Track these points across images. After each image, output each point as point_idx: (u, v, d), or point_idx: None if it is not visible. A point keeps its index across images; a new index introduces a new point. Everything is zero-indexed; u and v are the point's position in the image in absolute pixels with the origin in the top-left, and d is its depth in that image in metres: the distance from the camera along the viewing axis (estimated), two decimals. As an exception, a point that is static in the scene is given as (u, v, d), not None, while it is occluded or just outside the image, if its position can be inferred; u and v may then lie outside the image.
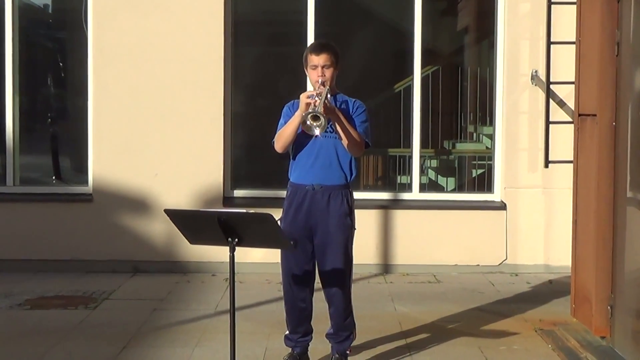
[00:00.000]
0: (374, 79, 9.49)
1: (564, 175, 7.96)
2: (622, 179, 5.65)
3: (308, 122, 4.76)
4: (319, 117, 4.74)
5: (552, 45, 8.02)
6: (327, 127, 4.89)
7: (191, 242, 4.68)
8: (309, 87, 5.96)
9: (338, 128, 4.99)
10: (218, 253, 7.16)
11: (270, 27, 9.50)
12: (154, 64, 8.35)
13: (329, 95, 4.99)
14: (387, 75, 9.49)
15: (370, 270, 8.34)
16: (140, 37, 8.34)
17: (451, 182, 9.43)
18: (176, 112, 8.37)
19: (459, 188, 9.32)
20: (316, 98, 4.85)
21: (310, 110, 4.78)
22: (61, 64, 9.40)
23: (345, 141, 5.02)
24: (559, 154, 8.07)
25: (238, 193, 8.61)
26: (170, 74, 8.36)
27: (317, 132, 4.77)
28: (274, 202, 7.27)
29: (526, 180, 8.45)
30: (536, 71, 8.36)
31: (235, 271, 4.49)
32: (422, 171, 8.93)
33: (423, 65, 8.63)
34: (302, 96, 4.93)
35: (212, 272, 8.25)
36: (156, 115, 8.37)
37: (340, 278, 5.17)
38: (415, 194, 8.67)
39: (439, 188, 9.36)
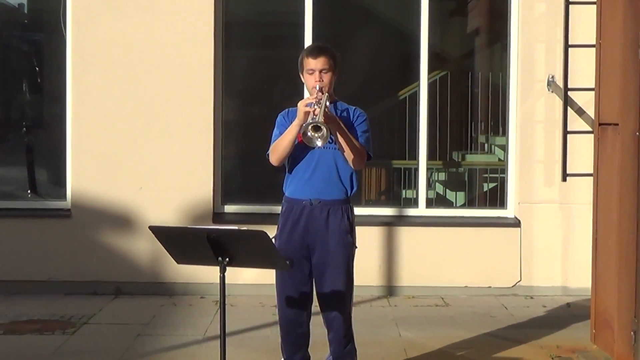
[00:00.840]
0: (377, 85, 9.50)
1: (583, 189, 7.98)
2: (646, 194, 5.66)
3: (309, 134, 4.77)
4: (320, 127, 4.74)
5: (570, 49, 8.04)
6: (327, 140, 4.89)
7: (178, 262, 4.68)
8: (306, 94, 5.96)
9: (339, 138, 5.00)
10: (207, 274, 7.17)
11: (265, 29, 9.53)
12: (138, 69, 8.37)
13: (328, 103, 5.01)
14: (391, 81, 9.51)
15: (373, 292, 8.34)
16: (123, 40, 8.36)
17: (461, 196, 9.44)
18: (162, 120, 8.38)
19: (469, 203, 9.34)
20: (315, 106, 4.87)
21: (310, 121, 4.78)
22: (37, 69, 9.42)
23: (346, 153, 5.04)
24: (578, 166, 8.08)
25: (229, 208, 8.61)
26: (156, 80, 8.37)
27: (319, 143, 4.79)
28: (269, 219, 7.29)
29: (542, 194, 8.45)
30: (553, 77, 8.37)
31: (226, 293, 4.49)
32: (429, 185, 8.94)
33: (430, 70, 8.64)
34: (300, 104, 4.95)
35: (201, 294, 8.24)
36: (140, 124, 8.39)
37: (340, 301, 5.17)
38: (421, 210, 8.68)
39: (447, 203, 9.39)
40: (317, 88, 5.04)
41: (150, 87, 8.37)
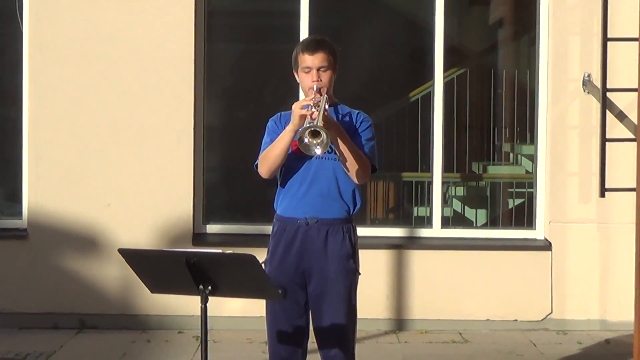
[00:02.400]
0: (384, 85, 9.55)
1: (625, 206, 8.03)
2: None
3: (306, 140, 4.77)
4: (319, 132, 4.75)
5: (609, 43, 8.05)
6: (327, 148, 4.90)
7: (152, 291, 4.70)
8: (301, 95, 5.99)
9: (340, 147, 5.01)
10: (186, 305, 7.18)
11: (254, 19, 9.54)
12: (106, 66, 8.38)
13: (327, 106, 5.03)
14: (400, 80, 9.55)
15: (380, 326, 8.36)
16: (89, 31, 8.37)
17: (482, 215, 9.45)
18: (134, 125, 8.40)
19: (492, 223, 9.37)
20: (313, 109, 4.90)
21: (307, 125, 4.80)
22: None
23: (348, 164, 5.05)
24: (618, 180, 8.08)
25: (212, 228, 8.64)
26: (127, 78, 8.39)
27: (318, 151, 4.80)
28: (258, 240, 7.30)
29: (577, 212, 8.46)
30: (589, 75, 8.39)
31: (208, 327, 4.51)
32: (445, 201, 8.96)
33: (446, 68, 8.68)
34: (295, 107, 4.98)
35: (179, 328, 8.24)
36: (109, 130, 8.40)
37: (341, 336, 5.17)
38: (436, 230, 8.71)
39: (466, 223, 9.42)
40: (315, 89, 5.06)
41: (120, 87, 8.39)
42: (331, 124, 4.95)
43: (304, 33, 8.40)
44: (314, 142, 4.77)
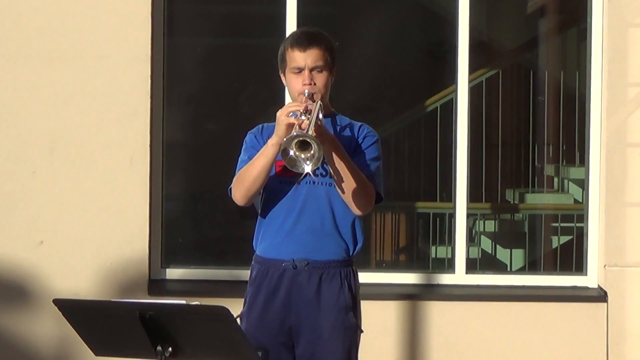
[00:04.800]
0: (393, 90, 9.61)
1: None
2: None
3: (292, 153, 4.80)
4: (309, 144, 4.77)
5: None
6: (320, 165, 4.91)
7: (96, 353, 4.71)
8: (288, 100, 6.00)
9: (337, 166, 5.03)
10: (140, 371, 7.17)
11: (228, 7, 9.57)
12: (39, 66, 8.35)
13: (321, 115, 5.05)
14: (413, 84, 9.60)
15: (388, 398, 8.45)
16: (17, 22, 8.36)
17: (518, 256, 9.49)
18: (74, 142, 8.37)
19: (531, 266, 9.40)
20: (303, 117, 4.92)
21: (295, 134, 4.81)
22: None
23: (346, 189, 5.06)
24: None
25: (173, 273, 8.63)
26: (67, 81, 8.35)
27: (307, 168, 4.81)
28: (231, 288, 7.39)
29: (639, 254, 8.51)
30: (655, 78, 8.46)
31: (169, 399, 4.52)
32: (472, 239, 8.98)
33: (472, 69, 8.71)
34: (281, 114, 5.00)
35: (131, 401, 8.26)
36: (42, 148, 8.37)
37: (338, 412, 5.22)
38: (460, 276, 8.69)
39: (498, 266, 9.47)
40: (307, 94, 5.12)
41: (57, 92, 8.34)
42: (325, 136, 5.00)
43: (291, 24, 8.41)
44: (303, 156, 4.78)
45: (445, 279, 8.74)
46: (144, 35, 8.41)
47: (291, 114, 4.94)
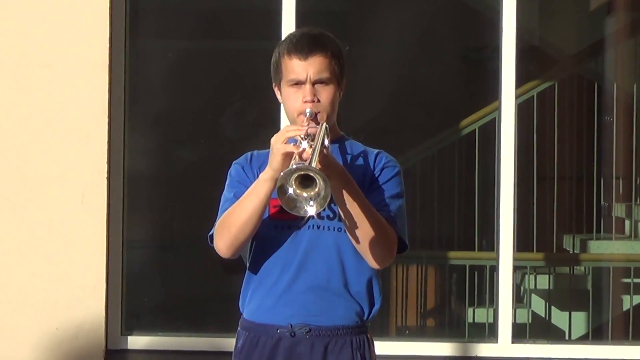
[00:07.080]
0: (418, 109, 9.57)
1: None
2: None
3: (291, 191, 4.60)
4: (313, 179, 4.59)
5: None
6: (326, 205, 4.79)
7: None
8: (284, 122, 5.93)
9: (349, 207, 4.85)
10: None
11: (207, 3, 9.58)
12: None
13: (327, 141, 4.91)
14: (444, 101, 9.57)
15: None
16: None
17: (580, 321, 9.42)
18: (14, 174, 8.33)
19: (596, 334, 9.30)
20: (304, 144, 4.77)
21: (294, 167, 4.65)
22: None
23: (360, 235, 4.90)
24: None
25: (136, 342, 8.59)
26: (9, 94, 8.33)
27: (311, 211, 4.62)
28: (212, 361, 7.27)
29: None
30: None
31: None
32: (519, 298, 8.94)
33: (520, 82, 8.65)
34: (276, 141, 4.81)
35: None
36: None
37: None
38: (505, 346, 8.65)
39: (554, 333, 9.36)
40: (308, 114, 4.97)
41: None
42: (333, 168, 4.76)
43: (288, 25, 8.37)
44: (304, 194, 4.62)
45: (486, 349, 8.69)
46: (100, 36, 8.36)
47: (289, 140, 4.79)
